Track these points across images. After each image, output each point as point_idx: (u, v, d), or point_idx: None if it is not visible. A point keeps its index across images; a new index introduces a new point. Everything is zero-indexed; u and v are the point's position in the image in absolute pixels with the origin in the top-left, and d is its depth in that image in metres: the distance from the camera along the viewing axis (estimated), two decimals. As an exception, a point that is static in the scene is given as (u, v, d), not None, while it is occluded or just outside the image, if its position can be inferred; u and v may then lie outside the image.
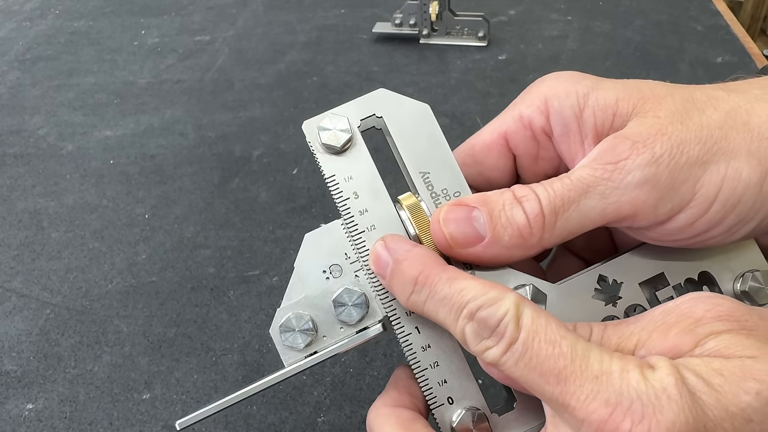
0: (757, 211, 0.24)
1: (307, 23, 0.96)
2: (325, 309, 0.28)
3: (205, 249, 0.58)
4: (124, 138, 0.73)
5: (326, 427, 0.44)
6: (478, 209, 0.25)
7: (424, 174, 0.28)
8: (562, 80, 0.28)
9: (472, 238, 0.25)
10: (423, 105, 0.29)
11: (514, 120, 0.29)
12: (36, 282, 0.55)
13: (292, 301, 0.28)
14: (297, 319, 0.27)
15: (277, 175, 0.66)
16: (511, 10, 0.96)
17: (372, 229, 0.28)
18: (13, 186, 0.66)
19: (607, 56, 0.84)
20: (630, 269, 0.27)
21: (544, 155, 0.29)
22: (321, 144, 0.28)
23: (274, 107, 0.77)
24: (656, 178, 0.24)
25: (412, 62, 0.84)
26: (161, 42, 0.93)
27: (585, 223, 0.25)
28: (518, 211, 0.25)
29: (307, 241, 0.28)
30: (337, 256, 0.28)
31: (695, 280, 0.27)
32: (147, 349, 0.49)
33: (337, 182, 0.28)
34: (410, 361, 0.27)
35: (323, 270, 0.28)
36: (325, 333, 0.28)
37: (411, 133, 0.29)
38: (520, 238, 0.25)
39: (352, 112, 0.29)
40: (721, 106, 0.25)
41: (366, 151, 0.28)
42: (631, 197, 0.24)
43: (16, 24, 0.99)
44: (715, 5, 0.94)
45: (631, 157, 0.24)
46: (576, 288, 0.27)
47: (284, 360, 0.28)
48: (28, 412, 0.45)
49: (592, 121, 0.26)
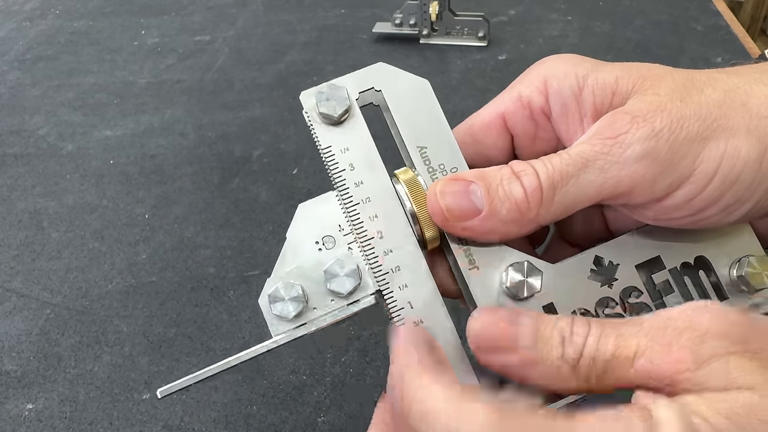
0: (754, 190, 0.24)
1: (307, 23, 0.96)
2: (317, 280, 0.27)
3: (205, 249, 0.58)
4: (124, 138, 0.73)
5: (326, 427, 0.44)
6: (475, 183, 0.25)
7: (421, 148, 0.28)
8: (561, 62, 0.28)
9: (469, 211, 0.25)
10: (422, 80, 0.29)
11: (512, 100, 0.29)
12: (36, 282, 0.55)
13: (283, 271, 0.27)
14: (286, 288, 0.27)
15: (277, 175, 0.66)
16: (511, 10, 0.96)
17: (367, 201, 0.27)
18: (13, 186, 0.66)
19: (607, 56, 0.84)
20: (626, 252, 0.27)
21: (542, 135, 0.29)
22: (318, 114, 0.28)
23: (274, 107, 0.77)
24: (656, 152, 0.24)
25: (412, 62, 0.84)
26: (161, 42, 0.93)
27: (582, 198, 0.25)
28: (516, 185, 0.25)
29: (300, 211, 0.28)
30: (331, 227, 0.28)
31: (691, 264, 0.27)
32: (147, 349, 0.49)
33: (333, 153, 0.28)
34: None
35: (316, 241, 0.27)
36: (315, 305, 0.27)
37: (410, 107, 0.28)
38: (518, 212, 0.25)
39: (351, 83, 0.28)
40: (719, 86, 0.25)
41: (363, 122, 0.28)
42: (630, 171, 0.24)
43: (16, 24, 0.99)
44: (715, 5, 0.94)
45: (630, 131, 0.24)
46: (572, 268, 0.27)
47: (272, 330, 0.27)
48: (28, 412, 0.45)
49: (591, 99, 0.26)
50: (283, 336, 0.27)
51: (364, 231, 0.27)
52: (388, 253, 0.27)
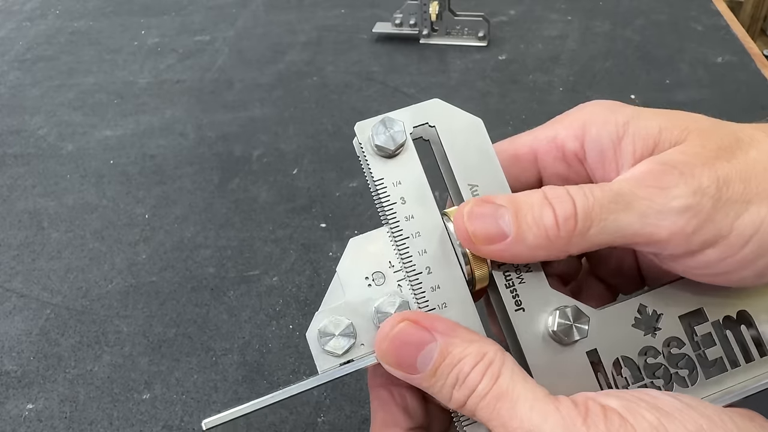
0: None
1: (307, 23, 0.96)
2: (365, 316, 0.27)
3: (205, 249, 0.58)
4: (124, 138, 0.73)
5: (326, 427, 0.44)
6: (504, 207, 0.25)
7: (472, 186, 0.28)
8: (602, 108, 0.28)
9: (495, 235, 0.25)
10: (476, 119, 0.29)
11: (547, 140, 0.29)
12: (36, 282, 0.55)
13: (332, 305, 0.27)
14: (335, 324, 0.26)
15: (277, 175, 0.66)
16: (511, 10, 0.96)
17: (417, 236, 0.27)
18: (13, 186, 0.66)
19: (607, 56, 0.84)
20: (670, 302, 0.27)
21: (573, 178, 0.29)
22: (374, 146, 0.28)
23: (274, 107, 0.77)
24: (699, 207, 0.23)
25: (412, 62, 0.84)
26: (161, 42, 0.93)
27: (617, 237, 0.24)
28: (547, 212, 0.24)
29: (351, 246, 0.28)
30: (381, 264, 0.27)
31: (733, 318, 0.27)
32: (147, 349, 0.49)
33: (385, 186, 0.27)
34: None
35: (365, 276, 0.27)
36: (363, 341, 0.26)
37: (462, 145, 0.28)
38: (546, 239, 0.24)
39: (407, 117, 0.28)
40: (763, 148, 0.25)
41: (416, 157, 0.28)
42: (670, 222, 0.24)
43: (16, 24, 0.99)
44: (715, 5, 0.94)
45: (679, 185, 0.24)
46: (615, 316, 0.27)
47: (319, 365, 0.26)
48: (28, 412, 0.45)
49: (631, 149, 0.26)
50: (332, 372, 0.26)
51: (413, 265, 0.27)
52: (436, 289, 0.27)
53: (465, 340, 0.24)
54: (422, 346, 0.24)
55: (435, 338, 0.24)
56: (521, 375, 0.23)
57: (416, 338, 0.24)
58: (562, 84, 0.79)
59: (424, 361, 0.24)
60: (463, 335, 0.24)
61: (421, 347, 0.24)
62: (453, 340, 0.24)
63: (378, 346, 0.25)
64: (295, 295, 0.53)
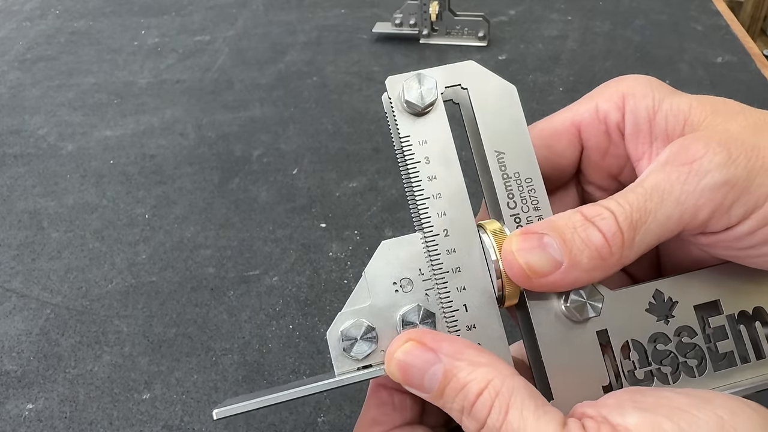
0: None
1: (307, 23, 0.96)
2: (389, 323, 0.26)
3: (205, 249, 0.58)
4: (124, 138, 0.73)
5: (326, 427, 0.44)
6: (547, 235, 0.24)
7: (498, 153, 0.27)
8: (640, 82, 0.28)
9: (549, 265, 0.24)
10: (510, 85, 0.28)
11: (589, 112, 0.28)
12: (36, 282, 0.55)
13: (356, 307, 0.26)
14: (357, 327, 0.26)
15: (277, 175, 0.66)
16: (511, 10, 0.96)
17: (437, 197, 0.26)
18: (13, 186, 0.66)
19: (607, 56, 0.84)
20: (687, 291, 0.27)
21: (613, 152, 0.29)
22: (403, 102, 0.27)
23: (274, 107, 0.77)
24: (734, 179, 0.23)
25: (412, 62, 0.84)
26: (161, 42, 0.93)
27: (664, 232, 0.24)
28: (593, 231, 0.24)
29: (382, 248, 0.27)
30: (411, 270, 0.26)
31: (749, 314, 0.27)
32: (147, 349, 0.49)
33: (411, 144, 0.27)
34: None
35: (393, 281, 0.26)
36: (383, 348, 0.26)
37: (493, 110, 0.28)
38: (600, 259, 0.24)
39: (440, 76, 0.28)
40: None
41: (445, 117, 0.27)
42: (708, 200, 0.23)
43: (16, 24, 0.99)
44: (715, 5, 0.94)
45: (706, 156, 0.23)
46: (630, 298, 0.27)
47: (336, 366, 0.26)
48: (28, 412, 0.45)
49: (664, 125, 0.26)
50: (350, 376, 0.25)
51: (441, 263, 0.26)
52: (461, 290, 0.26)
53: (471, 363, 0.23)
54: (427, 367, 0.24)
55: (440, 359, 0.23)
56: (532, 407, 0.22)
57: (421, 360, 0.24)
58: (562, 84, 0.79)
59: (431, 381, 0.23)
60: (470, 357, 0.23)
61: (426, 369, 0.24)
62: (458, 363, 0.23)
63: (386, 365, 0.25)
64: (295, 295, 0.53)
